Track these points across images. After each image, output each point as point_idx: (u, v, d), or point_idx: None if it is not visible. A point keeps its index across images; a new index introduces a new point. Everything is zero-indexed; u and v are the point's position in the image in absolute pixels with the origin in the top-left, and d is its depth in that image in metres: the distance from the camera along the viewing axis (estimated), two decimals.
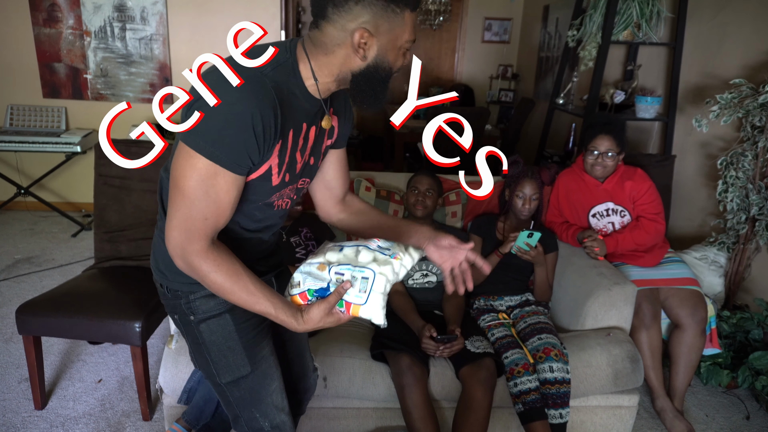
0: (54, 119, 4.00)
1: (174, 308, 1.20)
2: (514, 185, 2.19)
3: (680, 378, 2.16)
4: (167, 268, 1.16)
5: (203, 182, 0.98)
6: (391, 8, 0.99)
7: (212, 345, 1.18)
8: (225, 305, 1.16)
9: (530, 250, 2.07)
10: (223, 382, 1.21)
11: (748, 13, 2.67)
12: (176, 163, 1.00)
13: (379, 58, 1.04)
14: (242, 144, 0.97)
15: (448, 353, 1.83)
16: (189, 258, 1.02)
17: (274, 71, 1.02)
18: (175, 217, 1.00)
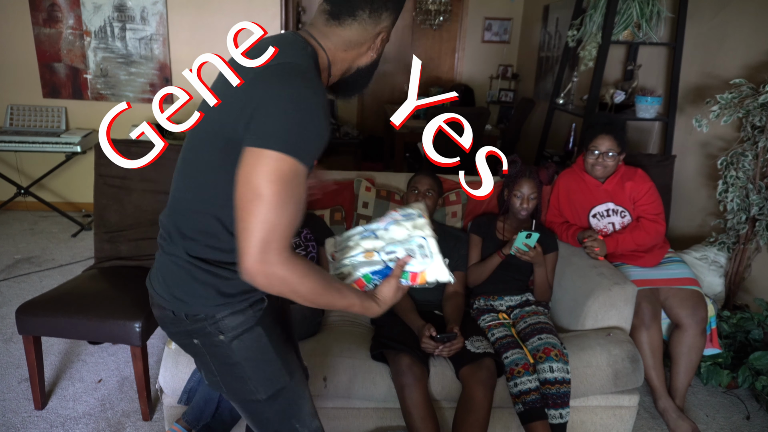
0: (54, 119, 4.00)
1: (193, 333, 1.11)
2: (512, 185, 2.19)
3: (681, 378, 2.16)
4: (186, 293, 1.09)
5: (288, 184, 0.94)
6: (394, 18, 1.13)
7: (248, 361, 1.12)
8: (254, 318, 1.12)
9: (529, 251, 2.07)
10: (263, 398, 1.15)
11: (748, 13, 2.67)
12: (252, 172, 0.93)
13: (379, 53, 1.17)
14: (319, 134, 0.97)
15: (447, 352, 1.82)
16: (277, 271, 0.94)
17: (315, 66, 1.07)
18: (258, 230, 0.92)
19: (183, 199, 1.10)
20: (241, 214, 0.94)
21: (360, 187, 2.40)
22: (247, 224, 0.93)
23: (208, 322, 1.09)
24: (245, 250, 0.93)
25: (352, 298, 1.09)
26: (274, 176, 0.92)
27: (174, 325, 1.13)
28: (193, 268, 1.07)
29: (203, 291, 1.07)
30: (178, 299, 1.09)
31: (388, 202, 2.39)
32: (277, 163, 0.92)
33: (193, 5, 3.94)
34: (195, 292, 1.08)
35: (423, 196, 2.16)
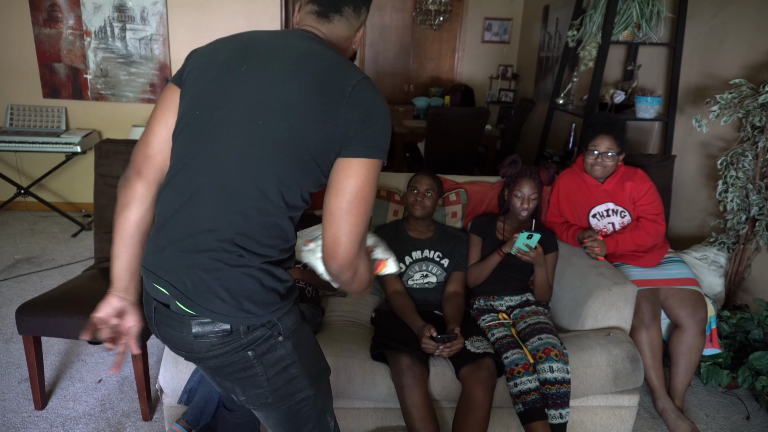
0: (54, 119, 4.00)
1: (249, 345, 1.06)
2: (513, 185, 2.19)
3: (680, 378, 2.17)
4: (258, 305, 1.05)
5: (376, 183, 1.06)
6: (368, 9, 1.22)
7: (304, 356, 1.14)
8: (300, 315, 1.16)
9: (530, 251, 2.07)
10: (312, 393, 1.16)
11: (748, 13, 2.67)
12: (365, 181, 1.03)
13: (356, 48, 1.24)
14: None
15: (448, 353, 1.83)
16: (360, 266, 1.08)
17: None
18: (361, 228, 1.04)
19: (253, 207, 1.03)
20: (345, 217, 1.02)
21: None
22: (352, 227, 1.02)
23: (267, 326, 1.07)
24: (348, 247, 1.03)
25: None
26: (373, 180, 1.04)
27: (225, 346, 1.06)
28: (263, 274, 1.05)
29: (272, 297, 1.07)
30: (247, 311, 1.04)
31: (389, 203, 2.39)
32: (377, 169, 1.05)
33: (193, 5, 3.94)
34: (265, 300, 1.06)
35: (422, 196, 2.16)
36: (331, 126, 1.01)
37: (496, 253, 2.14)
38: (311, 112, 1.01)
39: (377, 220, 2.37)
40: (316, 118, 1.01)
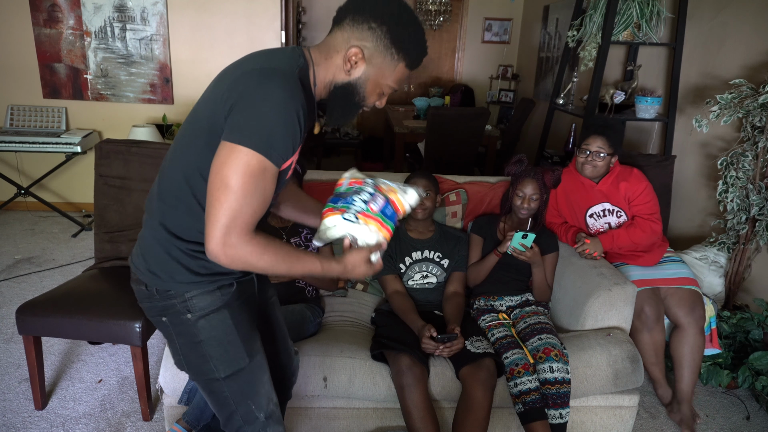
0: (54, 119, 4.00)
1: (164, 309, 1.20)
2: (516, 183, 2.19)
3: (686, 380, 2.14)
4: (161, 269, 1.17)
5: (254, 177, 1.03)
6: (392, 52, 1.14)
7: (212, 340, 1.20)
8: (222, 300, 1.20)
9: (526, 251, 2.07)
10: (222, 377, 1.22)
11: (748, 13, 2.68)
12: (224, 164, 1.02)
13: (360, 82, 1.17)
14: (290, 139, 1.05)
15: (448, 353, 1.83)
16: (236, 251, 1.05)
17: (299, 73, 1.11)
18: (223, 215, 1.02)
19: (167, 176, 1.17)
20: (210, 200, 1.03)
21: None
22: (214, 210, 1.03)
23: (178, 300, 1.18)
24: (210, 233, 1.03)
25: (311, 262, 1.17)
26: (242, 170, 1.01)
27: (147, 300, 1.22)
28: (169, 244, 1.16)
29: (176, 268, 1.16)
30: (153, 273, 1.18)
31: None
32: (246, 158, 1.01)
33: (193, 5, 3.94)
34: (168, 268, 1.16)
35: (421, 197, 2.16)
36: (216, 108, 1.06)
37: (493, 253, 2.14)
38: (206, 99, 1.11)
39: None
40: (206, 102, 1.10)
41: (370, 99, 1.20)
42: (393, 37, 1.12)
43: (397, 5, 1.13)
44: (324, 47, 1.16)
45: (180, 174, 1.14)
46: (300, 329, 1.93)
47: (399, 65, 1.16)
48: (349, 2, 1.15)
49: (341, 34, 1.14)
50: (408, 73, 1.21)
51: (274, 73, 1.05)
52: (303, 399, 1.83)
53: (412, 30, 1.14)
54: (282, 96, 1.03)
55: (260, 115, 1.02)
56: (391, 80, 1.18)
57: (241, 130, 1.02)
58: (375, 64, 1.15)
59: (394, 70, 1.17)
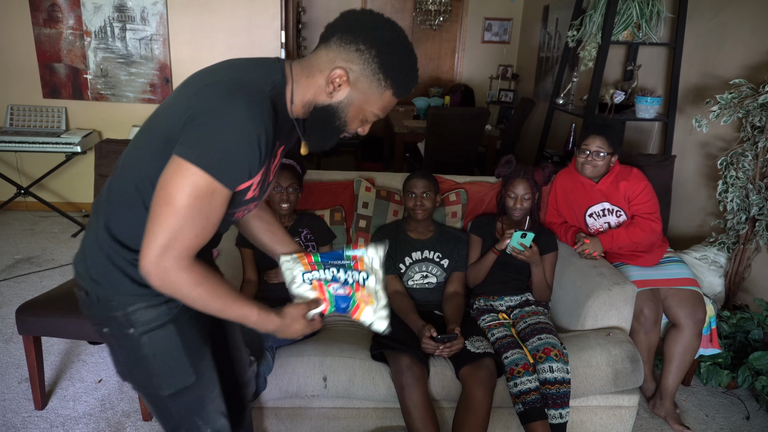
0: (54, 119, 4.00)
1: (105, 320, 1.12)
2: (507, 185, 2.20)
3: (672, 377, 2.17)
4: (104, 277, 1.09)
5: (200, 199, 0.96)
6: (379, 77, 1.06)
7: (155, 357, 1.13)
8: (168, 315, 1.12)
9: (525, 250, 2.08)
10: (166, 394, 1.16)
11: (748, 13, 2.68)
12: (171, 179, 0.95)
13: (342, 106, 1.09)
14: (248, 162, 0.98)
15: (448, 353, 1.83)
16: (171, 276, 0.98)
17: (272, 91, 1.04)
18: (161, 235, 0.95)
19: (118, 178, 1.10)
20: (152, 215, 0.97)
21: (360, 187, 2.40)
22: (153, 227, 0.96)
23: (120, 312, 1.10)
24: (145, 251, 0.96)
25: (248, 309, 1.11)
26: (188, 189, 0.94)
27: (87, 308, 1.14)
28: (113, 252, 1.08)
29: (119, 278, 1.08)
30: (94, 280, 1.10)
31: (388, 203, 2.39)
32: (194, 178, 0.94)
33: (193, 5, 3.94)
34: (111, 277, 1.08)
35: (420, 199, 2.16)
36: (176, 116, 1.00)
37: (491, 251, 2.14)
38: (169, 104, 1.05)
39: (378, 220, 2.37)
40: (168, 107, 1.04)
41: (352, 125, 1.12)
42: (382, 62, 1.04)
43: (391, 29, 1.05)
44: (307, 64, 1.09)
45: (131, 178, 1.07)
46: None
47: (386, 93, 1.08)
48: (339, 19, 1.07)
49: (327, 53, 1.06)
50: (395, 102, 1.12)
51: (240, 89, 0.98)
52: (303, 399, 1.83)
53: (404, 57, 1.06)
54: (243, 117, 0.95)
55: (216, 135, 0.94)
56: (377, 107, 1.10)
57: (193, 147, 0.95)
58: (360, 88, 1.07)
59: (380, 97, 1.09)
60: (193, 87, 1.02)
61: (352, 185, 2.43)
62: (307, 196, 2.36)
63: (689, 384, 2.45)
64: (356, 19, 1.06)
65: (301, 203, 2.32)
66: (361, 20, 1.05)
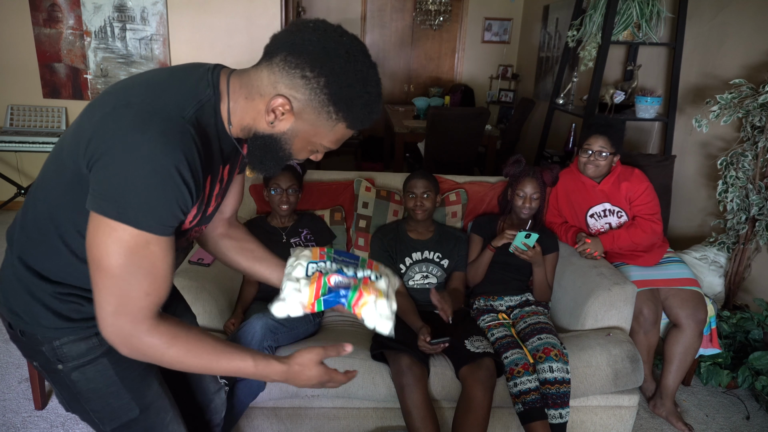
0: (54, 119, 4.00)
1: (33, 354, 1.01)
2: (515, 184, 2.19)
3: (672, 377, 2.17)
4: (23, 311, 0.98)
5: (133, 256, 0.83)
6: (329, 110, 0.90)
7: (89, 393, 1.01)
8: (100, 348, 1.00)
9: (528, 250, 2.08)
10: (108, 430, 1.05)
11: (748, 13, 2.68)
12: (94, 239, 0.83)
13: (285, 137, 0.94)
14: (173, 202, 0.84)
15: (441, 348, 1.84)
16: (137, 343, 0.87)
17: (196, 112, 0.89)
18: (108, 303, 0.84)
19: (32, 206, 0.98)
20: (92, 282, 0.86)
21: (360, 187, 2.40)
22: (97, 296, 0.85)
23: (46, 347, 0.98)
24: (99, 322, 0.86)
25: (239, 361, 0.96)
26: (115, 248, 0.82)
27: (15, 341, 1.03)
28: (31, 284, 0.97)
29: (41, 311, 0.97)
30: (14, 312, 0.99)
31: (388, 203, 2.39)
32: (118, 234, 0.81)
33: (193, 5, 3.94)
34: (31, 310, 0.97)
35: (420, 199, 2.16)
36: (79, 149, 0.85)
37: (487, 248, 2.15)
38: (76, 128, 0.89)
39: (378, 220, 2.37)
40: (74, 133, 0.89)
41: (300, 155, 0.98)
42: (332, 93, 0.88)
43: (345, 53, 0.88)
44: (246, 82, 0.93)
45: (44, 209, 0.94)
46: (299, 329, 1.93)
47: (338, 125, 0.93)
48: (285, 34, 0.90)
49: (269, 74, 0.90)
50: (350, 133, 0.97)
51: (151, 116, 0.82)
52: (303, 399, 1.83)
53: (360, 89, 0.89)
54: (153, 153, 0.80)
55: (128, 179, 0.79)
56: (327, 140, 0.95)
57: (106, 199, 0.81)
58: (306, 119, 0.92)
59: (331, 130, 0.93)
60: (101, 108, 0.86)
61: (352, 185, 2.43)
62: (307, 196, 2.36)
63: (689, 384, 2.45)
64: (304, 39, 0.88)
65: (301, 203, 2.32)
66: (310, 41, 0.87)
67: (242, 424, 1.85)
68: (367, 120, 0.94)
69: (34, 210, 0.97)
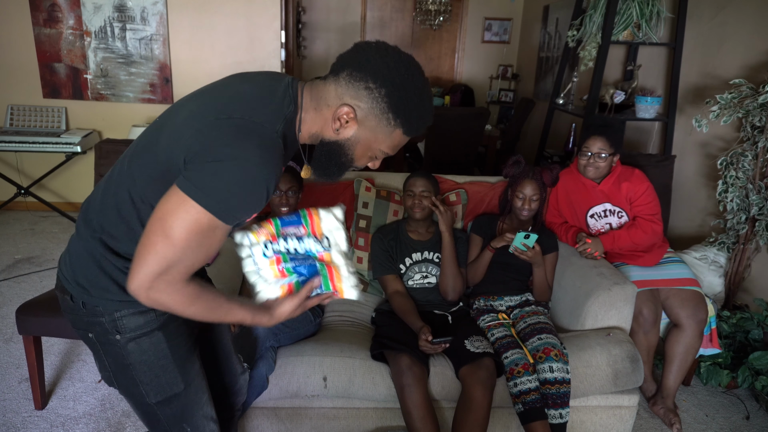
0: (54, 119, 4.00)
1: (90, 325, 1.10)
2: (515, 185, 2.19)
3: (673, 377, 2.17)
4: (90, 284, 1.07)
5: (200, 235, 0.94)
6: (388, 117, 1.03)
7: (142, 365, 1.11)
8: (156, 322, 1.11)
9: (527, 251, 2.08)
10: (153, 402, 1.15)
11: (748, 13, 2.68)
12: (172, 212, 0.93)
13: (349, 144, 1.06)
14: (253, 204, 0.97)
15: (441, 349, 1.84)
16: (160, 296, 0.96)
17: (284, 127, 1.02)
18: (155, 263, 0.93)
19: (113, 191, 1.07)
20: (145, 240, 0.94)
21: (360, 187, 2.40)
22: (146, 253, 0.93)
23: (106, 318, 1.08)
24: (135, 274, 0.94)
25: (242, 313, 1.10)
26: (189, 225, 0.92)
27: (72, 313, 1.12)
28: (104, 259, 1.06)
29: (108, 284, 1.06)
30: (81, 286, 1.08)
31: (388, 203, 2.39)
32: (197, 215, 0.92)
33: (193, 5, 3.94)
34: (100, 283, 1.07)
35: (419, 198, 2.16)
36: (179, 147, 0.97)
37: (487, 249, 2.15)
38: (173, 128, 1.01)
39: (378, 220, 2.37)
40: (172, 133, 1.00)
41: (360, 161, 1.11)
42: (392, 102, 1.01)
43: (405, 70, 1.01)
44: (316, 95, 1.06)
45: (127, 194, 1.04)
46: (299, 329, 1.93)
47: (396, 131, 1.05)
48: (351, 53, 1.04)
49: (335, 87, 1.03)
50: (406, 140, 1.09)
51: (252, 131, 0.95)
52: (303, 399, 1.83)
53: (416, 99, 1.02)
54: (254, 162, 0.93)
55: (224, 177, 0.92)
56: (385, 146, 1.08)
57: (199, 186, 0.92)
58: (368, 126, 1.04)
59: (389, 136, 1.06)
60: (202, 119, 0.97)
61: (352, 185, 2.43)
62: (307, 196, 2.36)
63: (689, 384, 2.45)
64: (368, 56, 1.01)
65: (301, 203, 2.31)
66: (373, 57, 1.01)
67: (242, 424, 1.85)
68: (421, 127, 1.06)
69: (114, 195, 1.06)
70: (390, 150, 1.09)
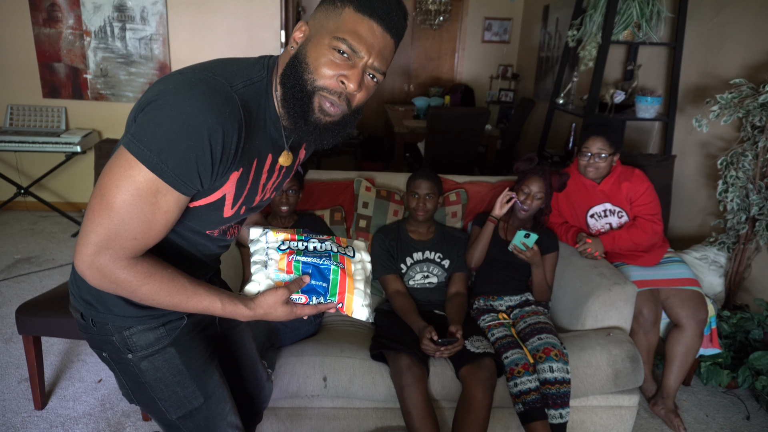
0: (54, 119, 4.00)
1: (102, 344, 1.06)
2: (522, 180, 2.19)
3: (674, 377, 2.17)
4: (96, 300, 1.03)
5: (139, 198, 0.85)
6: (335, 4, 0.92)
7: (157, 382, 1.07)
8: (168, 338, 1.06)
9: (526, 251, 2.08)
10: (174, 418, 1.12)
11: (748, 13, 2.67)
12: (110, 170, 0.86)
13: (303, 50, 0.94)
14: (193, 161, 0.86)
15: (447, 354, 1.83)
16: (111, 276, 0.89)
17: (245, 88, 0.92)
18: (95, 232, 0.86)
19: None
20: (88, 208, 0.88)
21: (360, 187, 2.40)
22: (88, 222, 0.87)
23: (116, 337, 1.04)
24: (79, 248, 0.88)
25: (208, 301, 0.99)
26: (125, 185, 0.84)
27: (85, 332, 1.08)
28: None
29: (112, 299, 1.01)
30: (87, 303, 1.04)
31: (389, 203, 2.39)
32: (133, 172, 0.84)
33: (193, 5, 3.94)
34: (104, 299, 1.02)
35: (423, 200, 2.15)
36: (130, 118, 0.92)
37: (488, 220, 2.16)
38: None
39: (378, 220, 2.37)
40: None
41: (320, 70, 0.92)
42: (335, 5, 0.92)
43: None
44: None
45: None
46: (299, 329, 1.93)
47: (344, 11, 0.91)
48: None
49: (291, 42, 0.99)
50: (365, 23, 0.91)
51: (200, 81, 0.87)
52: (303, 399, 1.83)
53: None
54: (196, 107, 0.84)
55: (159, 124, 0.83)
56: (340, 32, 0.91)
57: (136, 138, 0.84)
58: (317, 21, 0.94)
59: (339, 19, 0.91)
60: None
61: (352, 185, 2.43)
62: (307, 196, 2.36)
63: (689, 384, 2.45)
64: None
65: (301, 203, 2.32)
66: None
67: None
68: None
69: None
70: (348, 35, 0.90)
